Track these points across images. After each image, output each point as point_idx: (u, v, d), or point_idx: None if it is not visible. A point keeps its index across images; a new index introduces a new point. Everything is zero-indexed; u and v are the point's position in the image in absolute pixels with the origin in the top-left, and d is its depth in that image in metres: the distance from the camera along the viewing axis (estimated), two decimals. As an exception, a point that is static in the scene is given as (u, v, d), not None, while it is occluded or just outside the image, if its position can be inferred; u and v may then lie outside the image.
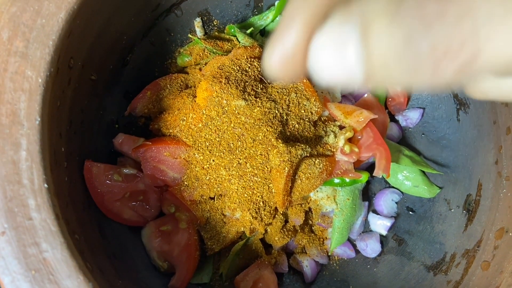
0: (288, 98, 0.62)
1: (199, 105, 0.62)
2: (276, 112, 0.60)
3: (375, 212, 0.74)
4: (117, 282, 0.50)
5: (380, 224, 0.73)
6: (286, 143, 0.59)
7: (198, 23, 0.71)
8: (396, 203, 0.74)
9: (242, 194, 0.60)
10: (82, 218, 0.50)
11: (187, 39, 0.72)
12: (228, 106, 0.59)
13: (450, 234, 0.65)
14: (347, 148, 0.63)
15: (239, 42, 0.69)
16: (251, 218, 0.61)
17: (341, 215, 0.67)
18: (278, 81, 0.35)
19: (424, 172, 0.71)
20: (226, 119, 0.60)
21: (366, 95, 0.72)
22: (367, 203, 0.73)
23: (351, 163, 0.64)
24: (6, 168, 0.39)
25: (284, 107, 0.61)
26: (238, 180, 0.60)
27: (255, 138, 0.59)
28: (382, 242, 0.72)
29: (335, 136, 0.64)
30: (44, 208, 0.39)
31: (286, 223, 0.66)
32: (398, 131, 0.76)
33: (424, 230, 0.69)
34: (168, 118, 0.65)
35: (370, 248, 0.71)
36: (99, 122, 0.63)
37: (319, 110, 0.63)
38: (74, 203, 0.49)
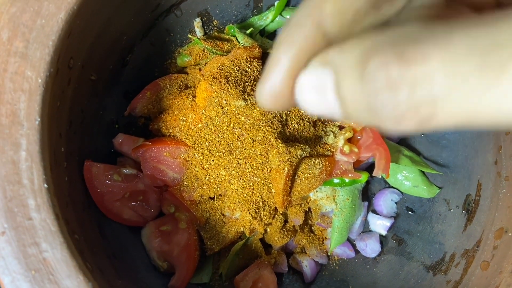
0: (287, 98, 0.62)
1: (198, 105, 0.62)
2: (276, 112, 0.60)
3: (375, 212, 0.74)
4: (117, 282, 0.50)
5: (380, 224, 0.73)
6: (286, 143, 0.59)
7: (197, 23, 0.71)
8: (396, 203, 0.74)
9: (241, 194, 0.60)
10: (82, 218, 0.50)
11: (186, 39, 0.72)
12: (227, 106, 0.59)
13: (450, 234, 0.65)
14: (346, 148, 0.63)
15: (239, 42, 0.69)
16: (251, 218, 0.61)
17: (340, 215, 0.67)
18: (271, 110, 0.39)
19: (423, 172, 0.71)
20: (226, 119, 0.60)
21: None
22: (366, 203, 0.73)
23: (350, 163, 0.64)
24: (6, 168, 0.39)
25: (283, 107, 0.61)
26: (238, 180, 0.60)
27: (254, 138, 0.59)
28: (381, 242, 0.72)
29: (335, 136, 0.64)
30: (44, 208, 0.39)
31: (285, 223, 0.66)
32: (397, 131, 0.75)
33: (423, 230, 0.69)
34: (167, 118, 0.65)
35: (370, 248, 0.71)
36: (99, 122, 0.63)
37: (318, 110, 0.63)
38: (74, 203, 0.49)
